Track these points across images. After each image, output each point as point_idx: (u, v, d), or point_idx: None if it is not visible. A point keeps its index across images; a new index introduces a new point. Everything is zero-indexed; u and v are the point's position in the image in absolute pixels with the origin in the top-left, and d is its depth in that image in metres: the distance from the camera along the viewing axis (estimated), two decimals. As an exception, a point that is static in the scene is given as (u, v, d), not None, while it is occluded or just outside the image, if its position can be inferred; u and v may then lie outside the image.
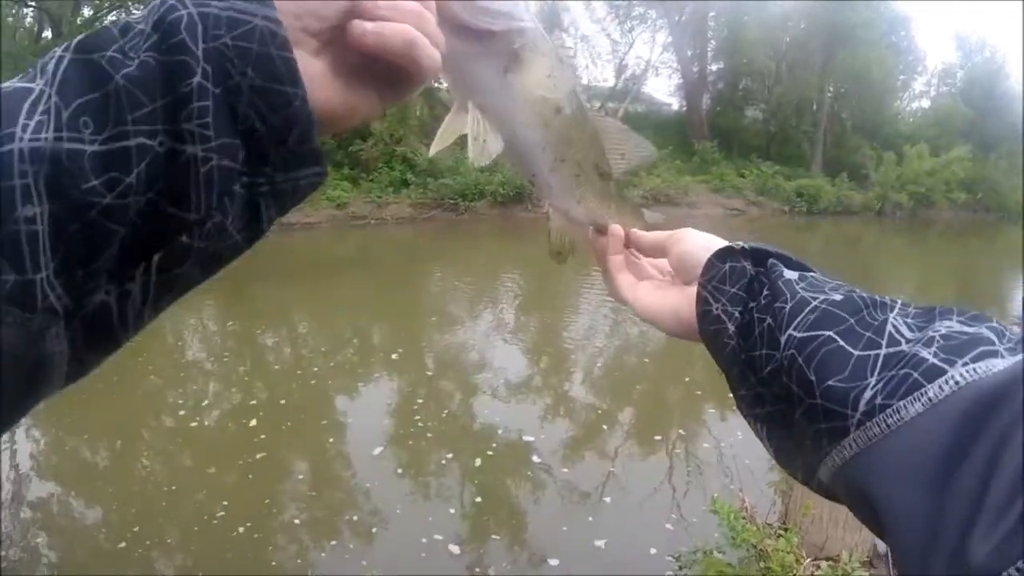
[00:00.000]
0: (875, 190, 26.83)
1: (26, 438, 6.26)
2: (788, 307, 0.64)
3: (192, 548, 4.91)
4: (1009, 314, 10.94)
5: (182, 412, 6.88)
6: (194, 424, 6.66)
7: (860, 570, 3.85)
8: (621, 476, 5.91)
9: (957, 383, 0.49)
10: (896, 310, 0.60)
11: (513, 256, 14.20)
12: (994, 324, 0.55)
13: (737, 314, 0.70)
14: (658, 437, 6.54)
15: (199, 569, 4.70)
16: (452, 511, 5.51)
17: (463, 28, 0.67)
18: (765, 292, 0.68)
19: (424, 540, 4.94)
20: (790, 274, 0.69)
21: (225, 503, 5.28)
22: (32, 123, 0.40)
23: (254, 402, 7.18)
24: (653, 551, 4.77)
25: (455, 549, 4.95)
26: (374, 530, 5.12)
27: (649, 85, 36.44)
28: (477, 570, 4.75)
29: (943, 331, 0.54)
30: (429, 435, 6.52)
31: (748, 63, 30.68)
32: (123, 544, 4.81)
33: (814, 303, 0.63)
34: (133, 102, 0.42)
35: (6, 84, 0.42)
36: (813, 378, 0.57)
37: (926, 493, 0.48)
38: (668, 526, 5.15)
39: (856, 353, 0.56)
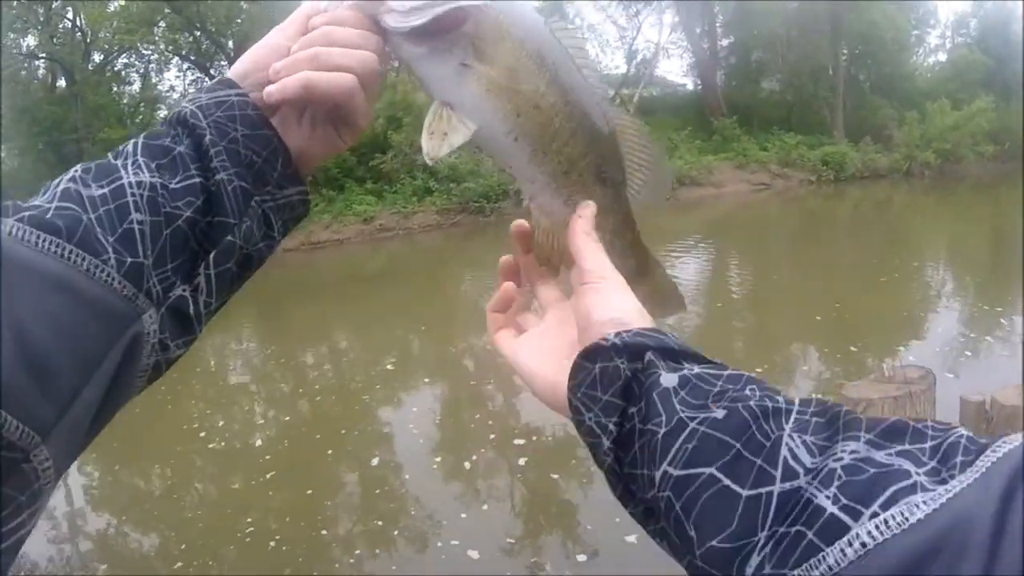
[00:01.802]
0: (900, 151, 26.39)
1: (78, 472, 6.42)
2: (661, 433, 0.55)
3: (246, 567, 5.05)
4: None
5: (227, 434, 7.07)
6: (239, 445, 6.82)
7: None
8: None
9: (864, 544, 0.42)
10: (792, 420, 0.51)
11: None
12: (918, 430, 0.47)
13: (612, 427, 0.60)
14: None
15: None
16: (517, 507, 5.60)
17: (403, 34, 0.70)
18: (643, 402, 0.58)
19: (478, 542, 4.99)
20: (668, 379, 0.58)
21: (275, 523, 5.39)
22: (131, 170, 0.63)
23: (298, 419, 7.34)
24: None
25: (508, 545, 5.03)
26: (428, 536, 5.20)
27: (661, 67, 36.23)
28: (533, 567, 4.79)
29: (847, 460, 0.46)
30: (492, 435, 6.58)
31: (758, 34, 30.26)
32: (179, 564, 4.94)
33: (691, 425, 0.53)
34: (188, 158, 0.66)
35: (94, 163, 0.64)
36: (693, 535, 0.50)
37: None
38: None
39: (744, 493, 0.48)
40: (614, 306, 0.67)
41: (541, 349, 0.76)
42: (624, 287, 0.70)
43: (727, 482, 0.49)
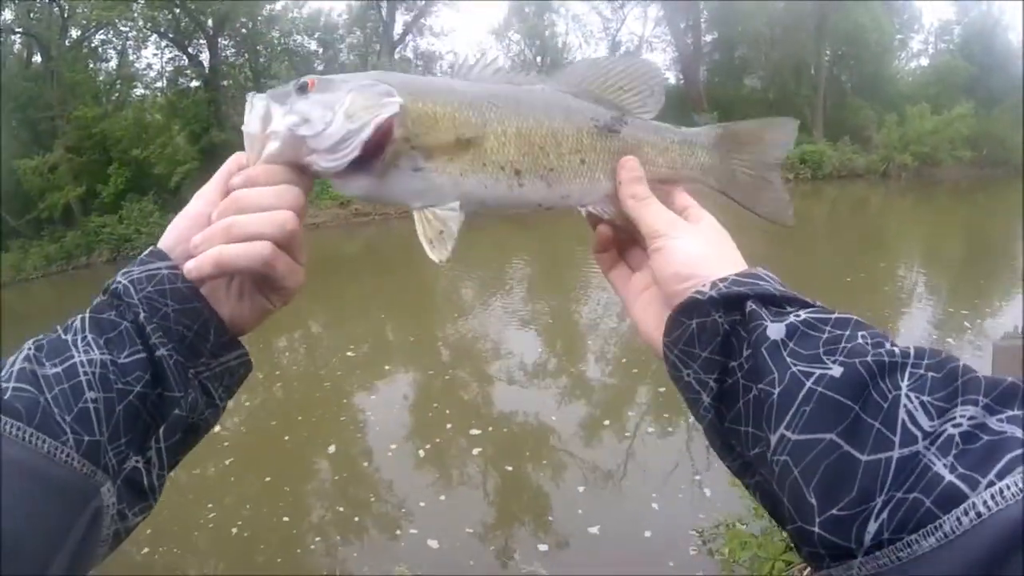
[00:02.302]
0: (879, 152, 26.56)
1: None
2: (776, 393, 0.53)
3: (213, 552, 5.06)
4: (1020, 270, 10.85)
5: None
6: (218, 430, 6.74)
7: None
8: (640, 452, 5.97)
9: (979, 514, 0.42)
10: (908, 376, 0.50)
11: (519, 241, 14.21)
12: None
13: (712, 383, 0.60)
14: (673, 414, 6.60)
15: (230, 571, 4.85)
16: (475, 498, 5.63)
17: (341, 174, 0.69)
18: (746, 353, 0.58)
19: (450, 528, 5.03)
20: (775, 331, 0.56)
21: (237, 510, 5.41)
22: (81, 347, 0.65)
23: (260, 405, 7.29)
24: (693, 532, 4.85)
25: (478, 536, 5.04)
26: (400, 522, 5.23)
27: (644, 61, 36.01)
28: (503, 555, 4.81)
29: (965, 425, 0.46)
30: (449, 424, 6.59)
31: (742, 31, 30.31)
32: (146, 550, 4.94)
33: (808, 384, 0.52)
34: (135, 333, 0.67)
35: (45, 338, 0.66)
36: (814, 503, 0.49)
37: None
38: (686, 499, 5.22)
39: (864, 459, 0.48)
40: (679, 261, 0.67)
41: (648, 293, 0.75)
42: (691, 234, 0.69)
43: (847, 448, 0.48)
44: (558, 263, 12.33)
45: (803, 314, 0.57)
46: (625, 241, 0.80)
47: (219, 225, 0.68)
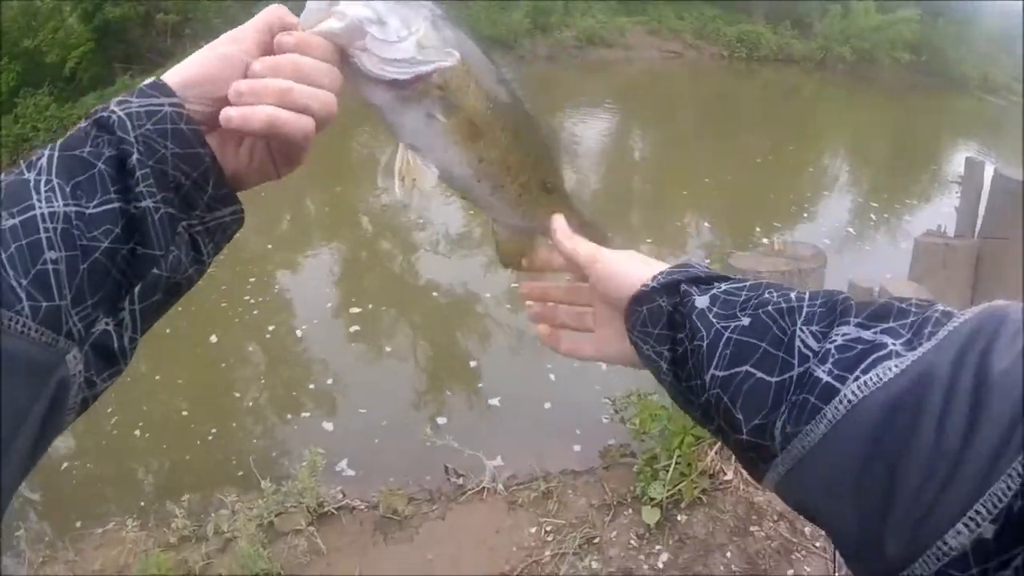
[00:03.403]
0: (818, 41, 26.37)
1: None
2: (705, 345, 0.68)
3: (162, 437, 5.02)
4: (941, 177, 11.17)
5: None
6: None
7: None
8: None
9: (850, 401, 0.54)
10: (802, 315, 0.64)
11: None
12: (902, 309, 0.59)
13: (666, 352, 0.74)
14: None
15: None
16: (407, 367, 5.73)
17: (376, 80, 0.70)
18: (686, 324, 0.71)
19: (382, 398, 5.21)
20: (701, 301, 0.71)
21: (144, 407, 5.28)
22: (43, 197, 0.57)
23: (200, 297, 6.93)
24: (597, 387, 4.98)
25: (412, 403, 5.19)
26: (335, 396, 5.36)
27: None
28: (436, 419, 4.93)
29: (839, 340, 0.59)
30: (373, 301, 6.59)
31: None
32: (66, 464, 4.85)
33: (727, 335, 0.66)
34: (109, 178, 0.60)
35: (6, 178, 0.59)
36: (740, 417, 0.63)
37: (848, 502, 0.54)
38: (603, 367, 5.24)
39: (773, 381, 0.61)
40: (621, 270, 0.81)
41: (602, 328, 0.89)
42: (618, 252, 0.84)
43: (759, 374, 0.62)
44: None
45: (723, 286, 0.73)
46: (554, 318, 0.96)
47: (276, 85, 0.65)
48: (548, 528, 3.79)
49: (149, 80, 0.64)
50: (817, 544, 3.70)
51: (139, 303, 0.62)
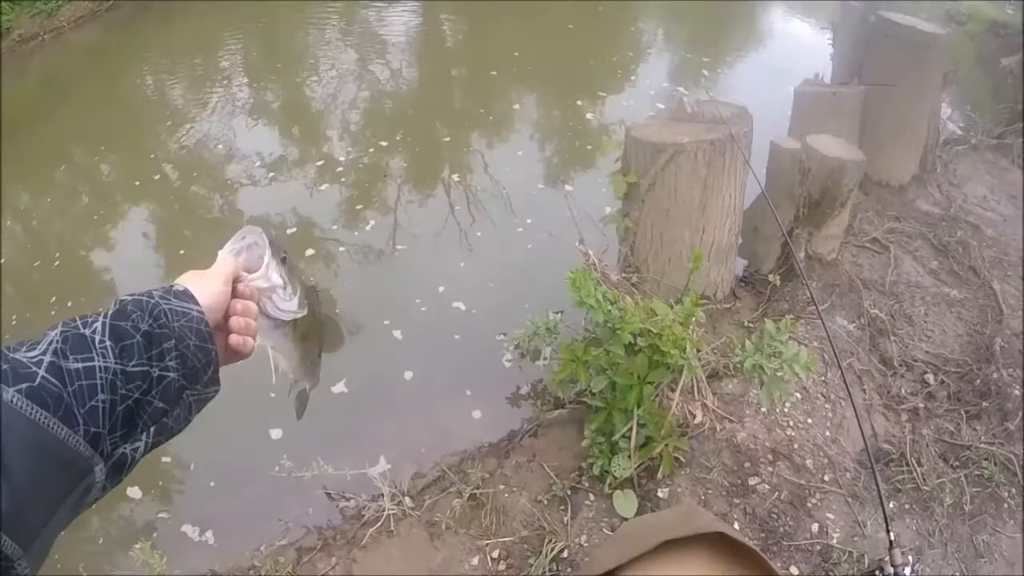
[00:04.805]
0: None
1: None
2: None
3: None
4: (759, 29, 10.71)
5: None
6: None
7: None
8: (407, 225, 5.43)
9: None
10: None
11: (226, 19, 11.61)
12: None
13: None
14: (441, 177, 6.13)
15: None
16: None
17: (271, 317, 1.09)
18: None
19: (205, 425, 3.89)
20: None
21: None
22: (98, 349, 0.80)
23: None
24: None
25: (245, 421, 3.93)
26: None
27: None
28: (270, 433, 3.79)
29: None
30: (193, 247, 5.44)
31: None
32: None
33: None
34: (143, 347, 0.83)
35: (69, 330, 0.81)
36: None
37: None
38: (461, 264, 4.94)
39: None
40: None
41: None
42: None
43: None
44: (275, 37, 10.25)
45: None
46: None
47: (248, 326, 1.00)
48: (495, 554, 2.90)
49: (183, 287, 0.93)
50: (826, 478, 3.05)
51: (152, 438, 0.85)
